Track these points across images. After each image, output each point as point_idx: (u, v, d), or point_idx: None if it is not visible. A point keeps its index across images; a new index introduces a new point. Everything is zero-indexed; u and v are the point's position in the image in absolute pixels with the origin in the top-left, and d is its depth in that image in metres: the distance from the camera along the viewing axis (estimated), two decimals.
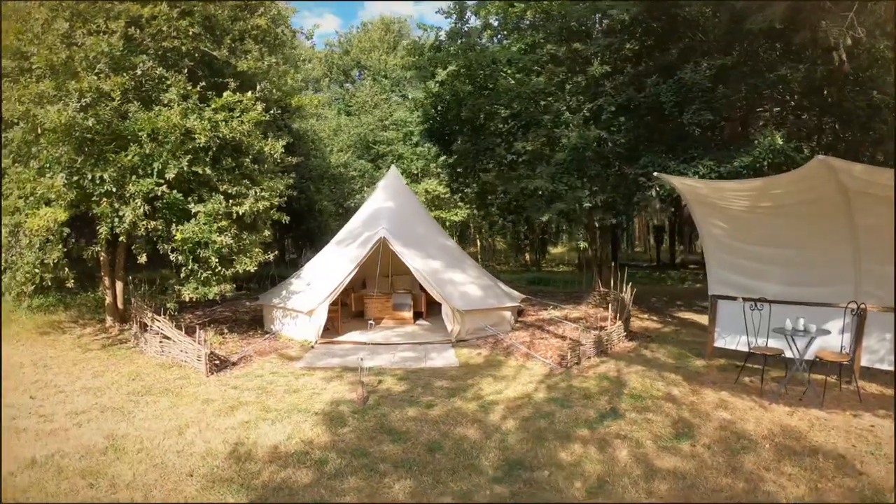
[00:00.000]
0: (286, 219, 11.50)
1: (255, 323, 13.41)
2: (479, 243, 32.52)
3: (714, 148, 13.38)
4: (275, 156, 11.04)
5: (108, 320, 12.91)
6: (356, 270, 11.66)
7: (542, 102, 13.82)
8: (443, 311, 11.54)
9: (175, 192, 9.69)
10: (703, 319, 13.06)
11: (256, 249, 10.73)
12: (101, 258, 11.75)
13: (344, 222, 14.68)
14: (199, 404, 7.75)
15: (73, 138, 9.18)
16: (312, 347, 11.05)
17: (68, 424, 6.97)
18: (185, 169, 9.52)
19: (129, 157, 9.38)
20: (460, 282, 12.36)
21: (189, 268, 9.94)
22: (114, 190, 9.33)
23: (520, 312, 14.00)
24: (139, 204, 9.38)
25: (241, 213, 10.00)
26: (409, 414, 7.13)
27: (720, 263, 9.72)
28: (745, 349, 8.35)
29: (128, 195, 9.47)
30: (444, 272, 12.22)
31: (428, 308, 14.17)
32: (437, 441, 6.19)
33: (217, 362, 9.62)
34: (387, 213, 12.98)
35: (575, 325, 12.81)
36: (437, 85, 15.89)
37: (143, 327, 11.24)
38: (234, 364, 9.86)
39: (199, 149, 9.90)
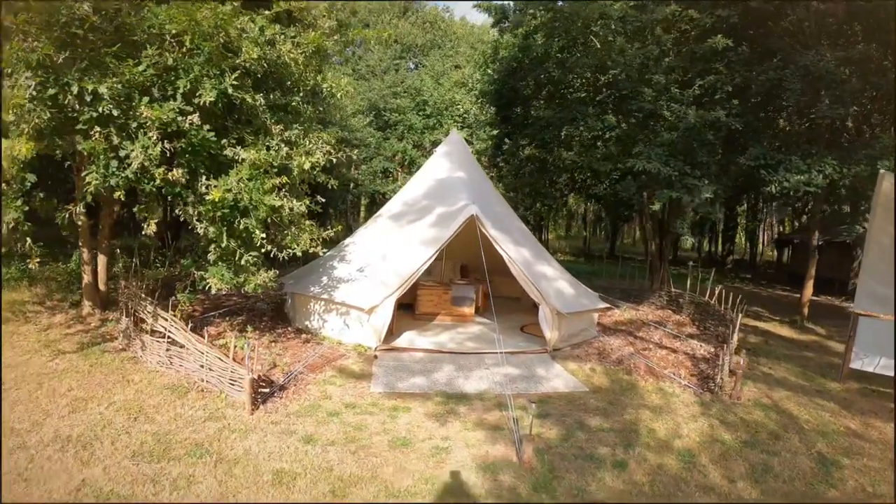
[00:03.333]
0: (333, 182, 7.74)
1: (277, 315, 9.43)
2: None
3: (826, 146, 10.68)
4: (338, 96, 7.24)
5: (86, 306, 8.72)
6: (435, 256, 8.00)
7: (645, 72, 10.39)
8: (540, 314, 8.24)
9: (207, 128, 5.75)
10: (772, 328, 11.64)
11: (308, 222, 6.94)
12: (80, 222, 7.61)
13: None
14: (272, 487, 4.09)
15: (55, 26, 5.13)
16: (375, 357, 7.45)
17: None
18: (231, 92, 5.60)
19: (140, 68, 5.40)
20: (552, 276, 9.00)
21: (224, 245, 5.98)
22: (115, 114, 5.31)
23: None
24: (154, 140, 5.39)
25: (304, 168, 6.16)
26: (609, 484, 4.61)
27: (876, 276, 8.09)
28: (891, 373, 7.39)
29: (135, 126, 5.47)
30: (535, 263, 8.76)
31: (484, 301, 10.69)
32: None
33: (262, 388, 5.88)
34: (460, 185, 9.27)
35: (676, 333, 9.80)
36: (521, 37, 12.05)
37: (137, 323, 7.34)
38: (281, 388, 6.13)
39: (243, 70, 6.01)
